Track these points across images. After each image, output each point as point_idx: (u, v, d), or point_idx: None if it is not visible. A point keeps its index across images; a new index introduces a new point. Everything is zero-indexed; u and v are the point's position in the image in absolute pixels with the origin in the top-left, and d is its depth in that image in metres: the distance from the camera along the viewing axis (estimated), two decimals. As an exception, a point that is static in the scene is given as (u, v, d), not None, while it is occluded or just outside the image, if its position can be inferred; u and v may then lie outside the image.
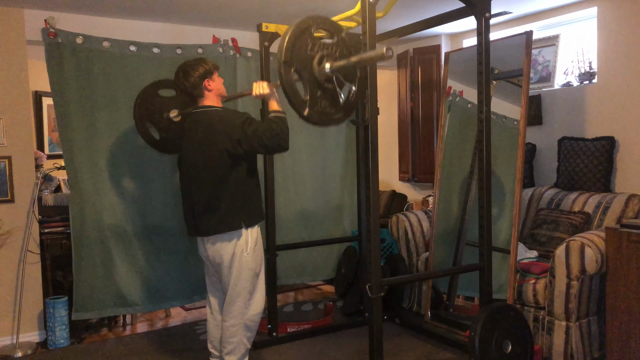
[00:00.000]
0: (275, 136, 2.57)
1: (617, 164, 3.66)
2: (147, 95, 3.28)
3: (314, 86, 2.37)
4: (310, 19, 2.38)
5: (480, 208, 3.05)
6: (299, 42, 2.32)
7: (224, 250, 2.72)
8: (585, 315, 3.05)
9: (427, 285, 3.81)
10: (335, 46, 2.42)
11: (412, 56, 5.05)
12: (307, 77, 2.35)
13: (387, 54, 2.13)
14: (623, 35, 3.63)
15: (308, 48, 2.35)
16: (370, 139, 2.56)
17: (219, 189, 2.69)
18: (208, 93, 2.78)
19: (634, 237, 2.85)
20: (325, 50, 2.38)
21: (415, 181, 5.20)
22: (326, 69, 2.35)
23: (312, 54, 2.36)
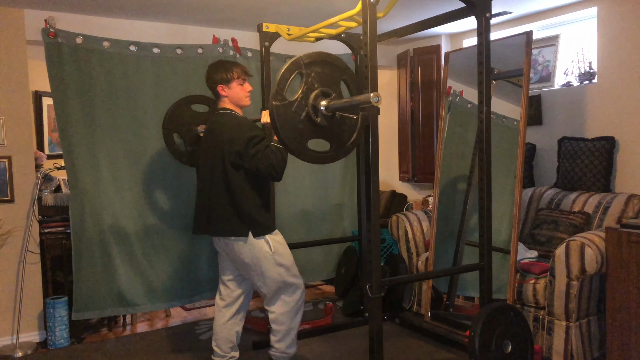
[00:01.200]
0: (270, 166, 2.61)
1: (617, 164, 3.66)
2: (179, 108, 3.36)
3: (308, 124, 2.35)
4: (296, 61, 2.32)
5: (480, 208, 3.05)
6: (286, 81, 2.29)
7: (241, 252, 2.78)
8: (585, 315, 3.05)
9: (427, 285, 3.82)
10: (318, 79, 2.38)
11: (412, 56, 5.05)
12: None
13: (373, 99, 2.15)
14: (623, 35, 3.63)
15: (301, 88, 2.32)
16: (370, 139, 2.56)
17: (233, 192, 2.73)
18: (223, 98, 2.87)
19: (634, 237, 2.85)
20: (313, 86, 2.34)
21: (415, 181, 5.20)
22: (322, 109, 2.33)
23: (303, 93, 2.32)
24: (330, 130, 2.39)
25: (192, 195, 3.83)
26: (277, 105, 2.25)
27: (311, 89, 2.32)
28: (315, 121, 2.34)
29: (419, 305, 3.98)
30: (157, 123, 3.70)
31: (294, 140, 2.32)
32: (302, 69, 2.31)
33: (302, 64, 2.31)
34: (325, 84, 2.35)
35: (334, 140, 2.43)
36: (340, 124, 2.39)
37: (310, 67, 2.32)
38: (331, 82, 2.38)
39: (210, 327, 3.92)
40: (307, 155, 2.38)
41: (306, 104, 2.32)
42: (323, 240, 4.25)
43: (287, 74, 2.28)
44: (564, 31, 4.21)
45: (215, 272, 3.96)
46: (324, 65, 2.37)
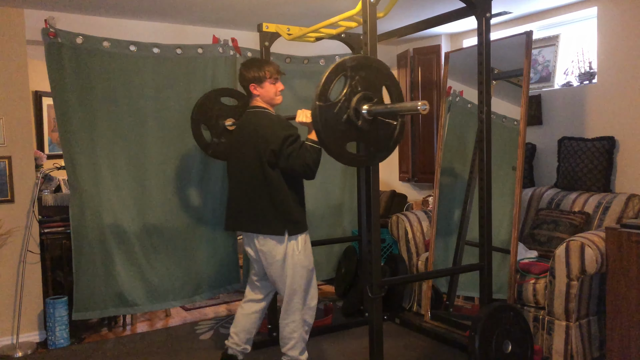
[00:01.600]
0: (305, 166, 2.64)
1: (617, 164, 3.66)
2: (208, 100, 3.40)
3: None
4: (343, 62, 2.33)
5: (480, 208, 3.05)
6: (331, 82, 2.29)
7: (275, 251, 2.78)
8: (585, 315, 3.06)
9: (427, 285, 3.82)
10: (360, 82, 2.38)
11: (412, 56, 5.05)
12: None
13: (420, 107, 2.16)
14: (623, 35, 3.63)
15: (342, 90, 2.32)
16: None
17: (269, 191, 2.74)
18: (255, 97, 2.89)
19: (634, 237, 2.85)
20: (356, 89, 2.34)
21: (415, 181, 5.20)
22: (363, 112, 2.33)
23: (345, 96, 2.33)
24: (368, 134, 2.39)
25: (192, 195, 3.84)
26: (320, 106, 2.25)
27: (354, 92, 2.32)
28: (356, 124, 2.33)
29: (419, 305, 3.98)
30: (157, 123, 3.70)
31: (334, 142, 2.31)
32: (347, 72, 2.31)
33: (348, 67, 2.31)
34: (367, 88, 2.35)
35: (372, 144, 2.42)
36: (379, 128, 2.39)
37: (355, 70, 2.32)
38: (374, 86, 2.38)
39: (210, 327, 3.93)
40: (345, 157, 2.38)
41: (348, 106, 2.31)
42: (323, 240, 4.24)
43: (332, 75, 2.28)
44: (564, 31, 4.21)
45: (216, 272, 3.97)
46: (368, 69, 2.37)
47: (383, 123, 2.38)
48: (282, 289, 2.87)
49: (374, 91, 2.37)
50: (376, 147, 2.44)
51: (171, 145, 3.75)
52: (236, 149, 2.91)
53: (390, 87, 2.45)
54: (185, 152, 3.80)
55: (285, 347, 2.90)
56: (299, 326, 2.87)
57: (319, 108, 2.25)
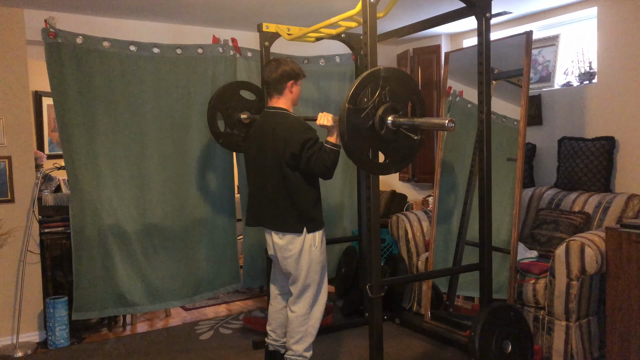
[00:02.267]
0: (324, 167, 2.67)
1: (617, 163, 3.66)
2: (227, 91, 3.49)
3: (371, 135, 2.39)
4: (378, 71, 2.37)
5: (480, 208, 3.05)
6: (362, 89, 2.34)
7: (292, 245, 2.81)
8: (585, 315, 3.06)
9: (427, 285, 3.82)
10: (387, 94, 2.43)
11: (412, 56, 5.05)
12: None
13: (448, 125, 2.21)
14: (623, 35, 3.63)
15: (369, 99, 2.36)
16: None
17: (288, 190, 2.77)
18: (288, 94, 2.86)
19: (634, 237, 2.85)
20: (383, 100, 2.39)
21: (415, 181, 5.20)
22: (388, 122, 2.37)
23: (374, 105, 2.36)
24: (389, 144, 2.43)
25: (192, 195, 3.84)
26: (349, 109, 2.29)
27: (382, 102, 2.36)
28: (379, 132, 2.37)
29: (419, 305, 3.98)
30: (157, 123, 3.71)
31: (356, 146, 2.35)
32: (380, 81, 2.36)
33: (381, 76, 2.36)
34: (395, 100, 2.39)
35: (390, 154, 2.46)
36: (400, 140, 2.43)
37: (387, 81, 2.37)
38: (401, 99, 2.43)
39: (210, 327, 3.93)
40: (364, 162, 2.40)
41: (375, 114, 2.35)
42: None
43: (365, 81, 2.33)
44: (564, 31, 4.21)
45: (215, 273, 3.97)
46: (398, 82, 2.41)
47: (404, 136, 2.42)
48: (295, 283, 2.89)
49: (400, 104, 2.42)
50: (393, 158, 2.47)
51: (171, 146, 3.76)
52: (255, 149, 2.90)
53: (416, 103, 2.49)
54: (186, 152, 3.80)
55: (291, 340, 2.90)
56: (306, 321, 2.89)
57: (347, 110, 2.28)
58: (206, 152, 3.87)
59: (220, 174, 3.96)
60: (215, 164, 3.93)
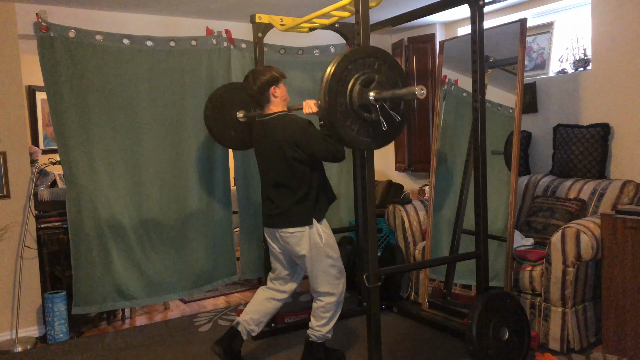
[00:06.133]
0: (327, 151, 2.71)
1: (612, 150, 3.67)
2: (230, 89, 3.48)
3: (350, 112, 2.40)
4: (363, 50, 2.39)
5: (476, 196, 3.06)
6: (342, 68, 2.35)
7: (300, 246, 2.88)
8: (581, 301, 3.08)
9: (424, 274, 3.83)
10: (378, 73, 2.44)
11: (407, 45, 5.03)
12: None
13: (419, 93, 2.23)
14: (617, 22, 3.62)
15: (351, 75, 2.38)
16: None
17: (292, 189, 2.86)
18: (274, 99, 2.93)
19: (629, 223, 2.86)
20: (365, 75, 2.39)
21: (411, 171, 5.20)
22: (370, 97, 2.38)
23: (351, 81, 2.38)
24: (372, 121, 2.44)
25: (188, 188, 3.84)
26: (330, 86, 2.31)
27: (361, 80, 2.38)
28: (359, 110, 2.39)
29: (416, 294, 4.00)
30: (152, 116, 3.69)
31: (337, 123, 2.37)
32: (355, 62, 2.38)
33: (356, 57, 2.38)
34: (376, 79, 2.41)
35: (375, 130, 2.47)
36: (381, 119, 2.44)
37: (363, 60, 2.39)
38: (384, 77, 2.44)
39: (209, 320, 3.94)
40: (347, 139, 2.41)
41: (352, 93, 2.37)
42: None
43: (342, 64, 2.34)
44: (559, 18, 4.20)
45: (213, 265, 3.98)
46: (380, 62, 2.43)
47: (387, 115, 2.43)
48: (311, 279, 2.97)
49: (382, 82, 2.43)
50: (375, 135, 2.47)
51: (166, 138, 3.75)
52: (261, 156, 3.00)
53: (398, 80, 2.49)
54: (181, 144, 3.80)
55: (317, 322, 3.01)
56: (332, 306, 2.98)
57: (327, 88, 2.31)
58: (202, 144, 3.86)
59: (216, 167, 3.96)
60: (210, 157, 3.92)
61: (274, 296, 3.12)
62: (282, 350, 3.35)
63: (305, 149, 2.77)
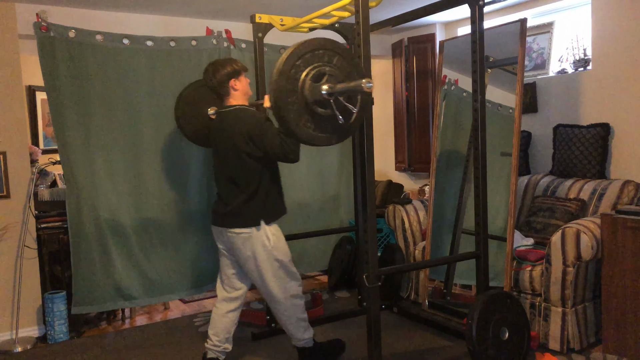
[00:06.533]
0: (279, 148, 2.59)
1: (612, 150, 3.67)
2: (192, 90, 3.35)
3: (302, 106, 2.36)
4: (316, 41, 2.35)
5: (475, 196, 3.06)
6: (293, 62, 2.30)
7: (246, 248, 2.80)
8: (581, 301, 3.08)
9: (424, 274, 3.83)
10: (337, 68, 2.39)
11: (407, 45, 5.04)
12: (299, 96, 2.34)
13: (366, 86, 2.19)
14: (617, 21, 3.62)
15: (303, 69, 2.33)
16: (365, 129, 2.55)
17: (242, 186, 2.78)
18: (234, 92, 2.86)
19: (629, 223, 2.86)
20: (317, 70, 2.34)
21: (411, 171, 5.20)
22: (323, 91, 2.33)
23: (303, 74, 2.33)
24: (329, 116, 2.40)
25: (188, 188, 3.84)
26: (279, 87, 2.27)
27: (313, 74, 2.33)
28: (313, 106, 2.34)
29: (416, 294, 4.00)
30: (152, 116, 3.69)
31: (291, 120, 2.33)
32: (307, 55, 2.33)
33: (308, 50, 2.33)
34: (330, 72, 2.36)
35: (333, 124, 2.43)
36: (340, 111, 2.39)
37: (315, 53, 2.34)
38: (338, 71, 2.39)
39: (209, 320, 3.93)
40: (300, 134, 2.37)
41: (304, 86, 2.33)
42: (320, 231, 4.26)
43: (292, 58, 2.30)
44: (559, 18, 4.20)
45: (213, 265, 3.97)
46: (337, 56, 2.39)
47: (345, 110, 2.39)
48: (259, 284, 2.88)
49: (334, 74, 2.38)
50: (334, 128, 2.42)
51: (166, 138, 3.75)
52: (215, 151, 2.91)
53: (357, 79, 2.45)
54: (181, 144, 3.79)
55: (288, 332, 3.00)
56: (290, 311, 2.93)
57: (277, 80, 2.26)
58: (202, 144, 3.86)
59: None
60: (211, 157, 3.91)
61: (229, 308, 3.00)
62: (282, 350, 3.35)
63: (259, 144, 2.66)
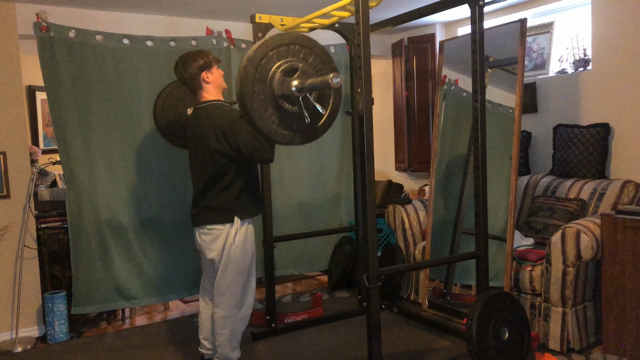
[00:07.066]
0: (253, 145, 2.52)
1: (612, 150, 3.67)
2: (170, 91, 3.29)
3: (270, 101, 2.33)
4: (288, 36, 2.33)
5: (475, 196, 3.06)
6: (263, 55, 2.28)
7: (213, 244, 2.76)
8: (581, 301, 3.08)
9: (424, 274, 3.83)
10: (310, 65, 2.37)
11: (407, 45, 5.04)
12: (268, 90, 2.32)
13: (332, 81, 2.17)
14: (617, 21, 3.62)
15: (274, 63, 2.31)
16: (365, 130, 2.55)
17: (213, 183, 2.72)
18: (206, 85, 2.77)
19: (629, 223, 2.86)
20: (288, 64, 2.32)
21: (411, 171, 5.20)
22: (292, 87, 2.30)
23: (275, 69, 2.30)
24: (295, 114, 2.37)
25: (188, 188, 3.83)
26: (247, 72, 2.25)
27: (283, 69, 2.31)
28: (280, 100, 2.32)
29: (416, 294, 4.00)
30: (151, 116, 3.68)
31: (256, 111, 2.30)
32: (276, 49, 2.31)
33: (276, 45, 2.31)
34: (300, 68, 2.34)
35: (298, 124, 2.40)
36: (307, 113, 2.37)
37: (285, 47, 2.33)
38: (310, 67, 2.38)
39: (209, 319, 3.93)
40: (267, 132, 2.35)
41: (275, 81, 2.31)
42: (320, 231, 4.26)
43: (261, 50, 2.28)
44: (558, 18, 4.20)
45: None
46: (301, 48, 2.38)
47: (313, 110, 2.37)
48: (217, 281, 2.80)
49: (307, 71, 2.38)
50: (297, 129, 2.40)
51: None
52: (190, 148, 2.85)
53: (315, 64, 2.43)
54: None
55: (216, 342, 2.86)
56: (228, 323, 2.81)
57: (243, 79, 2.24)
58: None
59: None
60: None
61: (213, 311, 2.92)
62: (282, 350, 3.35)
63: (231, 142, 2.57)
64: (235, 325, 2.83)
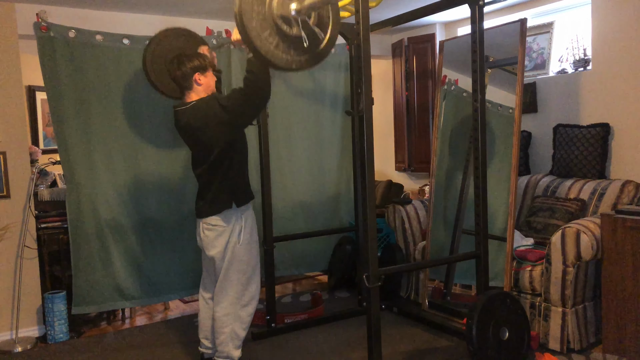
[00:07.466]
0: (252, 83, 2.54)
1: (612, 150, 3.67)
2: (173, 34, 3.18)
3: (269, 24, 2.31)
4: None
5: (475, 196, 3.06)
6: None
7: (216, 241, 2.78)
8: (581, 301, 3.08)
9: (424, 274, 3.83)
10: None
11: (407, 45, 5.03)
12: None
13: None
14: (617, 21, 3.62)
15: None
16: (365, 130, 2.55)
17: (216, 169, 2.75)
18: (197, 87, 2.78)
19: (629, 223, 2.86)
20: None
21: (411, 171, 5.20)
22: (292, 11, 2.29)
23: None
24: (293, 37, 2.36)
25: (188, 189, 3.84)
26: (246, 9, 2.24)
27: None
28: (278, 21, 2.31)
29: (416, 294, 4.00)
30: (151, 116, 3.69)
31: (254, 30, 2.29)
32: None
33: None
34: None
35: (297, 49, 2.39)
36: (308, 35, 2.36)
37: None
38: None
39: (209, 319, 3.93)
40: (270, 57, 2.32)
41: (275, 1, 2.30)
42: (320, 231, 4.26)
43: None
44: (558, 18, 4.20)
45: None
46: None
47: (312, 34, 2.36)
48: (219, 280, 2.82)
49: None
50: (295, 53, 2.38)
51: (166, 138, 3.75)
52: (191, 147, 2.86)
53: None
54: (180, 144, 3.78)
55: (216, 341, 2.87)
56: (230, 321, 2.82)
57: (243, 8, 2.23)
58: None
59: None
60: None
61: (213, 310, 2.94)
62: (282, 350, 3.35)
63: (233, 102, 2.62)
64: (237, 324, 2.84)
